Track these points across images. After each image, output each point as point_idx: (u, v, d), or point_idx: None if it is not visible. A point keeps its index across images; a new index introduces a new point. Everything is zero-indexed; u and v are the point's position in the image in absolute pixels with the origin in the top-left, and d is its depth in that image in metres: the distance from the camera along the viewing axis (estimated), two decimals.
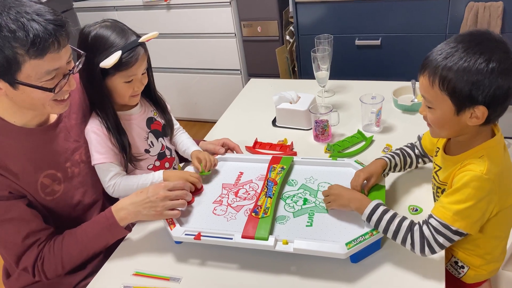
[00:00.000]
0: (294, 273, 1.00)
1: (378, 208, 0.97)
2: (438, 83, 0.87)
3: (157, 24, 2.83)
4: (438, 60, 0.87)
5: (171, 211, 1.08)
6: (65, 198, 1.14)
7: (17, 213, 1.03)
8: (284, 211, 1.11)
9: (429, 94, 0.91)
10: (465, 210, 0.89)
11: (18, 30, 0.88)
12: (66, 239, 1.08)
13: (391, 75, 1.97)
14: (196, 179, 1.21)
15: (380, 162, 1.15)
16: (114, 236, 1.11)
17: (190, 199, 1.15)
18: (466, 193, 0.89)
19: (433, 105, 0.92)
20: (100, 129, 1.19)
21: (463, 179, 0.90)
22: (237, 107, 1.80)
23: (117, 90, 1.17)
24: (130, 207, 1.08)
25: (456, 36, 0.89)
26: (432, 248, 0.92)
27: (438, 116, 0.92)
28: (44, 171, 1.10)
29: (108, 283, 1.05)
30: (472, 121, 0.89)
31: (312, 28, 2.41)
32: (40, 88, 0.95)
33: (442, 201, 0.93)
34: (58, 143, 1.14)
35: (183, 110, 3.10)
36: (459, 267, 1.06)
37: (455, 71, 0.84)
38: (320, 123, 1.43)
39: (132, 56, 1.11)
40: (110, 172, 1.21)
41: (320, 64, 1.58)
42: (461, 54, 0.84)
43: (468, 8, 2.06)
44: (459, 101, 0.87)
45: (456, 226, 0.90)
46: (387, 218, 0.95)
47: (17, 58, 0.90)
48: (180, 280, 1.03)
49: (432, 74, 0.88)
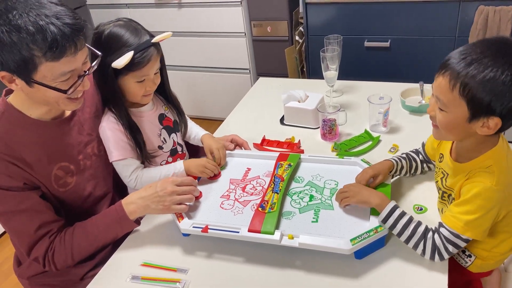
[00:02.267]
0: (299, 268, 1.02)
1: (396, 211, 0.98)
2: (459, 88, 0.85)
3: (168, 22, 2.86)
4: (462, 64, 0.84)
5: (179, 206, 1.10)
6: (77, 190, 1.17)
7: (31, 204, 1.06)
8: (290, 207, 1.13)
9: (446, 97, 0.88)
10: (475, 221, 0.91)
11: (37, 33, 0.89)
12: (77, 231, 1.11)
13: (399, 77, 1.97)
14: (214, 167, 1.24)
15: (388, 163, 1.16)
16: (123, 229, 1.13)
17: (198, 194, 1.17)
18: (476, 204, 0.90)
19: (447, 108, 0.89)
20: (116, 126, 1.20)
21: (473, 190, 0.90)
22: (246, 105, 1.82)
23: (129, 90, 1.19)
24: (139, 201, 1.10)
25: (483, 41, 0.87)
26: (442, 255, 0.94)
27: (449, 120, 0.90)
28: (58, 163, 1.12)
29: (116, 273, 1.08)
30: (482, 130, 0.88)
31: (321, 29, 2.42)
32: (54, 88, 0.97)
33: (452, 210, 0.94)
34: (72, 136, 1.16)
35: (191, 108, 3.12)
36: (466, 256, 1.07)
37: (479, 79, 0.82)
38: (328, 122, 1.44)
39: (145, 56, 1.12)
40: (130, 166, 1.23)
41: (329, 64, 1.59)
42: (488, 62, 0.82)
43: (478, 12, 2.06)
44: (475, 110, 0.85)
45: (467, 235, 0.92)
46: (403, 222, 0.96)
47: (34, 59, 0.91)
48: (187, 271, 1.05)
49: (454, 78, 0.85)
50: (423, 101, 1.60)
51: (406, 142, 1.40)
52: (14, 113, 1.06)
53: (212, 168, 1.25)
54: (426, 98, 1.61)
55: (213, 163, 1.26)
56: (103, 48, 1.11)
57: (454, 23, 2.17)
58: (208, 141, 1.34)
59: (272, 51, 2.73)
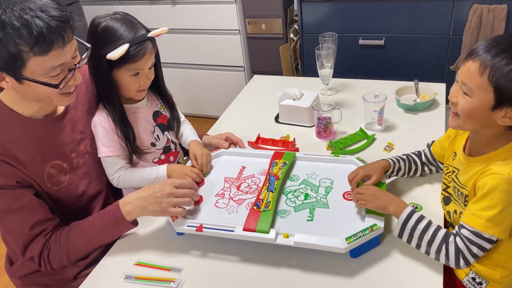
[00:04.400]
0: (294, 266, 1.02)
1: (413, 216, 0.95)
2: (489, 73, 0.85)
3: (162, 19, 2.84)
4: (493, 52, 0.85)
5: (175, 209, 1.07)
6: (70, 189, 1.15)
7: (25, 202, 1.04)
8: (285, 206, 1.12)
9: (474, 82, 0.88)
10: (497, 216, 0.87)
11: (22, 27, 0.87)
12: (73, 230, 1.09)
13: (394, 75, 1.98)
14: (195, 175, 1.23)
15: (383, 162, 1.16)
16: (120, 230, 1.11)
17: (198, 199, 1.14)
18: (496, 198, 0.87)
19: (472, 93, 0.89)
20: (107, 122, 1.20)
21: (489, 183, 0.88)
22: (241, 103, 1.81)
23: (123, 83, 1.18)
24: (136, 201, 1.08)
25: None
26: (467, 260, 0.90)
27: (472, 106, 0.89)
28: (51, 161, 1.11)
29: (110, 272, 1.07)
30: (503, 120, 0.88)
31: (316, 26, 2.41)
32: (45, 84, 0.95)
33: (471, 208, 0.91)
34: (64, 133, 1.15)
35: (186, 106, 3.11)
36: (477, 283, 1.01)
37: (509, 69, 0.83)
38: (323, 120, 1.44)
39: (140, 50, 1.12)
40: (116, 165, 1.23)
41: (324, 62, 1.59)
42: None
43: (472, 10, 2.07)
44: (501, 98, 0.85)
45: (490, 233, 0.88)
46: (421, 228, 0.94)
47: (21, 55, 0.90)
48: (181, 270, 1.04)
49: (484, 63, 0.86)
50: (418, 99, 1.60)
51: (401, 140, 1.40)
52: (6, 111, 1.04)
53: (194, 176, 1.23)
54: (421, 96, 1.61)
55: (196, 171, 1.24)
56: (98, 41, 1.11)
57: (448, 22, 2.17)
58: (193, 147, 1.33)
59: (267, 49, 2.73)
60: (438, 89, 1.62)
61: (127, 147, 1.24)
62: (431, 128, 1.44)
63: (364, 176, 1.12)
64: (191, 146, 1.34)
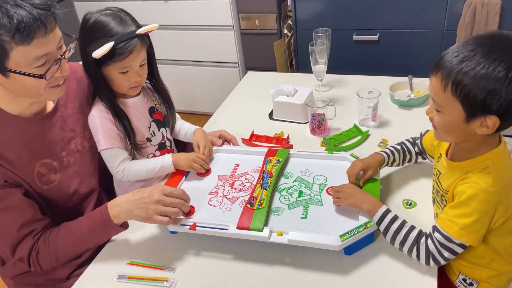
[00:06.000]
0: (288, 264, 1.01)
1: (387, 216, 0.96)
2: (451, 87, 0.82)
3: (154, 15, 2.81)
4: (454, 63, 0.81)
5: (160, 217, 1.03)
6: (61, 188, 1.14)
7: (13, 202, 1.03)
8: (279, 203, 1.12)
9: (440, 98, 0.85)
10: (472, 225, 0.87)
11: (3, 17, 0.86)
12: (62, 232, 1.07)
13: (388, 70, 1.97)
14: (203, 161, 1.22)
15: (378, 157, 1.15)
16: (108, 232, 1.08)
17: (188, 210, 1.09)
18: (472, 207, 0.86)
19: (442, 109, 0.87)
20: (105, 115, 1.19)
21: (467, 191, 0.86)
22: (234, 99, 1.80)
23: (114, 81, 1.17)
24: (124, 204, 1.04)
25: (476, 38, 0.83)
26: (437, 261, 0.91)
27: (446, 121, 0.87)
28: (40, 160, 1.09)
29: (103, 272, 1.06)
30: (481, 129, 0.84)
31: (310, 22, 2.40)
32: (30, 75, 0.94)
33: (447, 213, 0.90)
34: (54, 132, 1.13)
35: (179, 102, 3.07)
36: (468, 284, 1.02)
37: (471, 77, 0.79)
38: (317, 117, 1.43)
39: (127, 47, 1.10)
40: (118, 157, 1.21)
41: (318, 58, 1.58)
42: (480, 59, 0.78)
43: (466, 5, 2.07)
44: (471, 109, 0.82)
45: (463, 240, 0.88)
46: (394, 228, 0.95)
47: (3, 45, 0.88)
48: (174, 269, 1.03)
49: (445, 77, 0.82)
50: (412, 95, 1.60)
51: (395, 136, 1.39)
52: None
53: (201, 162, 1.23)
54: (415, 91, 1.61)
55: (203, 157, 1.24)
56: (87, 37, 1.10)
57: (442, 17, 2.17)
58: (198, 135, 1.33)
59: (261, 45, 2.71)
60: None
61: (126, 140, 1.22)
62: (425, 124, 1.42)
63: (363, 169, 1.11)
64: (196, 133, 1.32)
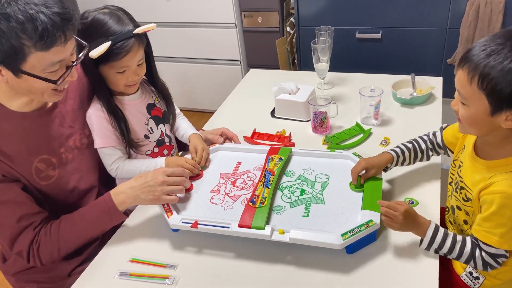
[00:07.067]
0: (289, 263, 1.01)
1: (437, 236, 0.95)
2: (478, 80, 0.83)
3: (157, 13, 2.81)
4: (481, 56, 0.82)
5: (169, 196, 1.08)
6: (60, 184, 1.15)
7: (11, 196, 1.04)
8: (281, 201, 1.11)
9: (465, 90, 0.86)
10: (509, 232, 0.90)
11: (27, 22, 0.87)
12: (63, 223, 1.08)
13: (391, 68, 1.97)
14: (192, 166, 1.22)
15: (386, 156, 1.14)
16: (112, 220, 1.11)
17: (189, 186, 1.15)
18: (506, 216, 0.89)
19: (467, 102, 0.88)
20: (102, 113, 1.19)
21: (497, 201, 0.88)
22: (236, 97, 1.80)
23: (110, 80, 1.18)
24: (128, 191, 1.08)
25: (504, 32, 0.84)
26: (494, 267, 0.94)
27: (471, 114, 0.88)
28: (39, 155, 1.10)
29: (104, 269, 1.06)
30: (507, 123, 0.85)
31: (313, 20, 2.39)
32: (44, 79, 0.96)
33: (482, 225, 0.92)
34: (53, 128, 1.14)
35: (182, 100, 3.09)
36: (474, 277, 1.03)
37: (498, 70, 0.80)
38: (319, 115, 1.43)
39: (124, 47, 1.10)
40: (112, 156, 1.23)
41: (320, 56, 1.58)
42: (508, 53, 0.80)
43: (469, 3, 2.06)
44: (497, 102, 0.83)
45: (504, 248, 0.91)
46: (447, 246, 0.95)
47: (23, 49, 0.89)
48: (176, 267, 1.03)
49: (472, 70, 0.83)
50: (415, 93, 1.59)
51: (398, 135, 1.39)
52: None
53: (190, 168, 1.22)
54: (418, 90, 1.60)
55: (192, 162, 1.24)
56: (84, 36, 1.09)
57: (445, 15, 2.16)
58: (195, 140, 1.32)
59: (263, 42, 2.70)
60: (435, 83, 1.61)
61: (122, 139, 1.23)
62: (428, 122, 1.44)
63: (366, 167, 1.11)
64: (192, 139, 1.33)
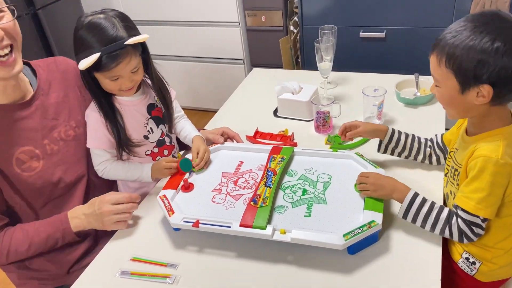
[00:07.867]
0: (291, 263, 1.01)
1: (415, 200, 0.99)
2: (445, 61, 0.90)
3: (160, 11, 2.81)
4: (447, 38, 0.89)
5: (116, 225, 1.12)
6: (45, 175, 1.15)
7: None
8: (283, 201, 1.11)
9: (437, 73, 0.93)
10: (487, 198, 0.91)
11: None
12: (17, 233, 1.11)
13: (394, 68, 1.95)
14: (169, 163, 1.23)
15: (381, 126, 1.22)
16: (64, 240, 1.14)
17: (136, 208, 1.16)
18: (485, 181, 0.90)
19: (439, 83, 0.95)
20: (97, 115, 1.20)
21: (478, 165, 0.91)
22: (239, 96, 1.79)
23: (105, 86, 1.18)
24: (82, 217, 1.13)
25: (467, 16, 0.91)
26: (470, 238, 0.96)
27: (443, 94, 0.95)
28: (20, 147, 1.11)
29: (106, 268, 1.06)
30: (478, 100, 0.90)
31: (316, 19, 2.39)
32: None
33: (463, 190, 0.95)
34: (34, 119, 1.14)
35: (184, 99, 3.09)
36: (471, 263, 1.04)
37: (461, 48, 0.87)
38: (322, 115, 1.42)
39: (114, 58, 1.08)
40: (101, 157, 1.25)
41: (324, 55, 1.57)
42: (468, 33, 0.86)
43: (474, 3, 2.04)
44: (463, 79, 0.89)
45: (480, 215, 0.92)
46: (424, 211, 0.98)
47: None
48: (177, 266, 1.03)
49: (440, 53, 0.91)
50: (418, 93, 1.58)
51: None
52: None
53: (168, 165, 1.23)
54: (421, 90, 1.59)
55: (168, 159, 1.26)
56: (76, 43, 1.10)
57: (450, 14, 2.15)
58: (197, 142, 1.31)
59: (267, 42, 2.70)
60: None
61: (115, 142, 1.23)
62: (431, 123, 1.43)
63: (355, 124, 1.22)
64: (195, 141, 1.32)
